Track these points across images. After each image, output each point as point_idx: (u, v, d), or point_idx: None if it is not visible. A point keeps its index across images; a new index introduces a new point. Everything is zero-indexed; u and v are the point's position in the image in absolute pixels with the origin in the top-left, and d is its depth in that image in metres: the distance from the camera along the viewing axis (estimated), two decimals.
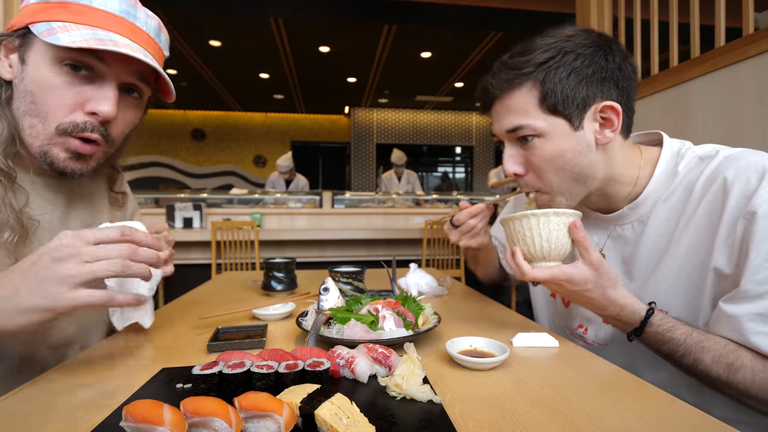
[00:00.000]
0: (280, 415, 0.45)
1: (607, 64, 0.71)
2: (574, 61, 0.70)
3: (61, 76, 0.67)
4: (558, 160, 0.74)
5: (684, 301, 0.74)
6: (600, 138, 0.74)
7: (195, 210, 4.11)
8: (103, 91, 0.69)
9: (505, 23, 5.12)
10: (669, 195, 0.76)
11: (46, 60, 0.66)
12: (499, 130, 0.78)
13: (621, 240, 0.83)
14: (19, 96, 0.68)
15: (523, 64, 0.72)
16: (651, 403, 0.55)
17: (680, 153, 0.77)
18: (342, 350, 0.64)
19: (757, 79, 1.61)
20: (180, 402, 0.45)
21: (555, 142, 0.73)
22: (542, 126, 0.72)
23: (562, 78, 0.70)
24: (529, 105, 0.72)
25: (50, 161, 0.70)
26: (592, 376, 0.63)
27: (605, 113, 0.73)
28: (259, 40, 5.74)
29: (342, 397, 0.48)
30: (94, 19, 0.67)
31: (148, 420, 0.42)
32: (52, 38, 0.63)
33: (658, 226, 0.77)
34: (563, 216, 0.72)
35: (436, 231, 3.89)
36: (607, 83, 0.71)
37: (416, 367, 0.58)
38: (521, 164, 0.78)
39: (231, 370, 0.55)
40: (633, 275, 0.81)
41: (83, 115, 0.69)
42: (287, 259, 1.24)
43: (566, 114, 0.71)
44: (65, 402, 0.56)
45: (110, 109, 0.69)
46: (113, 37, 0.67)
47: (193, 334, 0.86)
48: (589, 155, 0.74)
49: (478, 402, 0.55)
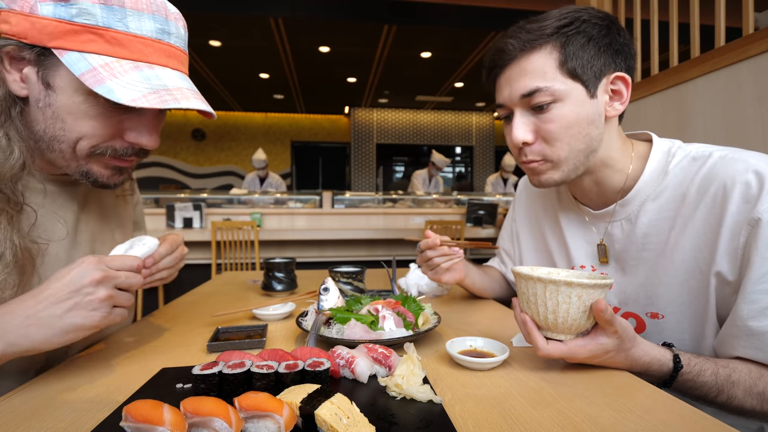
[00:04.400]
0: (280, 415, 0.45)
1: (619, 37, 0.72)
2: (592, 29, 0.71)
3: (97, 108, 0.63)
4: (574, 127, 0.72)
5: (683, 308, 0.74)
6: (609, 110, 0.74)
7: (195, 210, 4.11)
8: (145, 122, 0.67)
9: (505, 23, 5.06)
10: (658, 194, 0.76)
11: (77, 90, 0.61)
12: (510, 95, 0.75)
13: (610, 238, 0.83)
14: (46, 120, 0.63)
15: (543, 28, 0.72)
16: (651, 403, 0.55)
17: (671, 152, 0.77)
18: (342, 350, 0.63)
19: (757, 79, 1.61)
20: (180, 402, 0.45)
21: (572, 108, 0.72)
22: (561, 89, 0.71)
23: (582, 43, 0.70)
24: (549, 67, 0.71)
25: (94, 179, 0.69)
26: (592, 376, 0.63)
27: (616, 85, 0.74)
28: (259, 40, 5.74)
29: (342, 397, 0.48)
30: (134, 51, 0.61)
31: (148, 420, 0.42)
32: (103, 90, 0.57)
33: (647, 225, 0.77)
34: (577, 288, 0.59)
35: (436, 231, 3.88)
36: (619, 56, 0.73)
37: (416, 367, 0.58)
38: (532, 131, 0.75)
39: (231, 370, 0.55)
40: (626, 271, 0.81)
41: (122, 142, 0.67)
42: (287, 259, 1.24)
43: (584, 80, 0.71)
44: (65, 402, 0.56)
45: (155, 143, 0.69)
46: (164, 81, 0.62)
47: (193, 335, 0.86)
48: (599, 126, 0.74)
49: (478, 402, 0.55)
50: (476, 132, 9.96)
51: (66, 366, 0.69)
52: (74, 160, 0.66)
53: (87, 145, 0.65)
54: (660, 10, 2.17)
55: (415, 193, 5.38)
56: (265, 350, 0.64)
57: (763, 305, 0.63)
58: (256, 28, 5.38)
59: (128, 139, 0.67)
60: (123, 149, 0.68)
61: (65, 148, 0.65)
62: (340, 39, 5.79)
